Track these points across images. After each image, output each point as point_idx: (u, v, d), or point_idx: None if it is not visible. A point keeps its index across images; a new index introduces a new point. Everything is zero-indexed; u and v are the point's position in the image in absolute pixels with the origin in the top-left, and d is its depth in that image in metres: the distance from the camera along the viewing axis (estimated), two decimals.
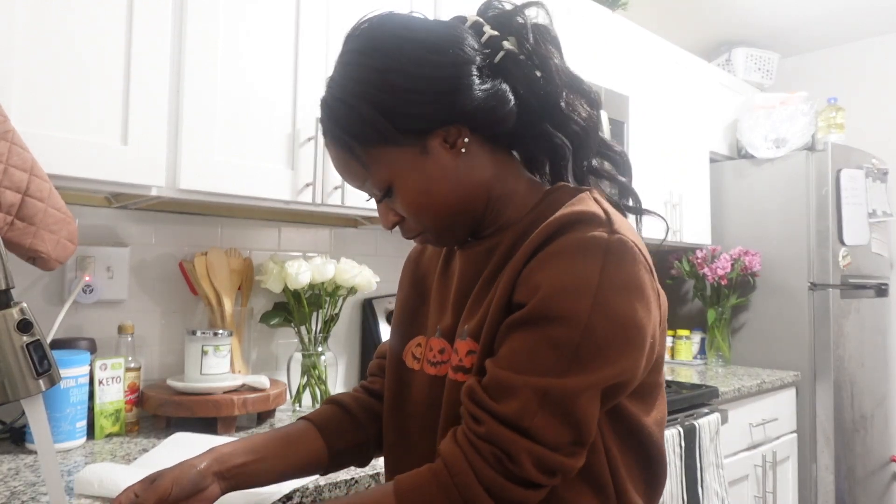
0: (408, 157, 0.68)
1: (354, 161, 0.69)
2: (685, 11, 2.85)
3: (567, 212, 0.64)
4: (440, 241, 0.75)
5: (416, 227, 0.72)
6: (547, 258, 0.62)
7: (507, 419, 0.58)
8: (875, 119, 3.07)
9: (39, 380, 0.65)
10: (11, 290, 0.66)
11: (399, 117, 0.66)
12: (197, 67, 1.25)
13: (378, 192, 0.71)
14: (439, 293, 0.79)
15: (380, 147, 0.67)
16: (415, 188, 0.69)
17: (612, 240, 0.61)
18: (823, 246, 2.47)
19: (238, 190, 1.30)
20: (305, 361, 1.57)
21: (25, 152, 1.01)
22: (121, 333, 1.34)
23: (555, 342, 0.59)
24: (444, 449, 0.61)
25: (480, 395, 0.60)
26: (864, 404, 2.58)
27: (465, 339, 0.69)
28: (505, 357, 0.61)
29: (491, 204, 0.73)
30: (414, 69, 0.65)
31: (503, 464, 0.57)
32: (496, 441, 0.57)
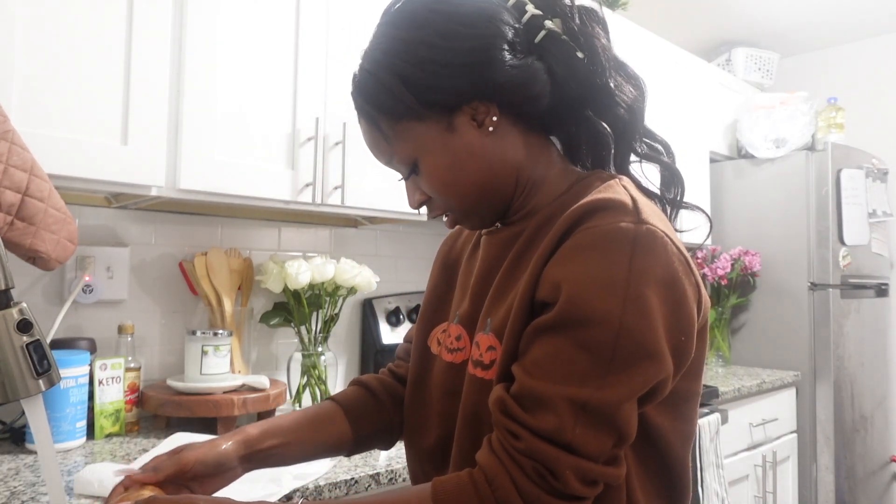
0: (433, 134, 0.66)
1: (380, 136, 0.68)
2: (685, 11, 2.85)
3: (591, 199, 0.60)
4: (467, 222, 0.73)
5: (441, 206, 0.70)
6: (570, 252, 0.58)
7: (546, 434, 0.55)
8: (875, 119, 3.07)
9: (39, 380, 0.65)
10: (11, 290, 0.66)
11: (424, 90, 0.64)
12: (197, 67, 1.25)
13: (404, 169, 0.70)
14: (463, 279, 0.78)
15: (405, 122, 0.66)
16: (440, 166, 0.67)
17: (640, 230, 0.56)
18: (823, 246, 2.47)
19: (238, 190, 1.30)
20: (305, 361, 1.57)
21: (25, 152, 1.01)
22: (121, 333, 1.34)
23: (588, 346, 0.55)
24: (484, 461, 0.57)
25: (514, 408, 0.57)
26: (864, 404, 2.58)
27: (489, 333, 0.66)
28: (536, 365, 0.57)
29: (520, 187, 0.70)
30: (441, 41, 0.64)
31: (546, 480, 0.54)
32: (538, 457, 0.54)
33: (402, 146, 0.68)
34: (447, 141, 0.66)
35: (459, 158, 0.66)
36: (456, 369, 0.72)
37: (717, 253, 2.68)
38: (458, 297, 0.77)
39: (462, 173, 0.67)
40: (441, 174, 0.67)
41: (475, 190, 0.68)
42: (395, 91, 0.65)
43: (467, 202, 0.69)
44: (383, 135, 0.68)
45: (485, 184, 0.68)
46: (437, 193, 0.69)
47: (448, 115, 0.66)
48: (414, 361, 0.80)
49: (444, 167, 0.67)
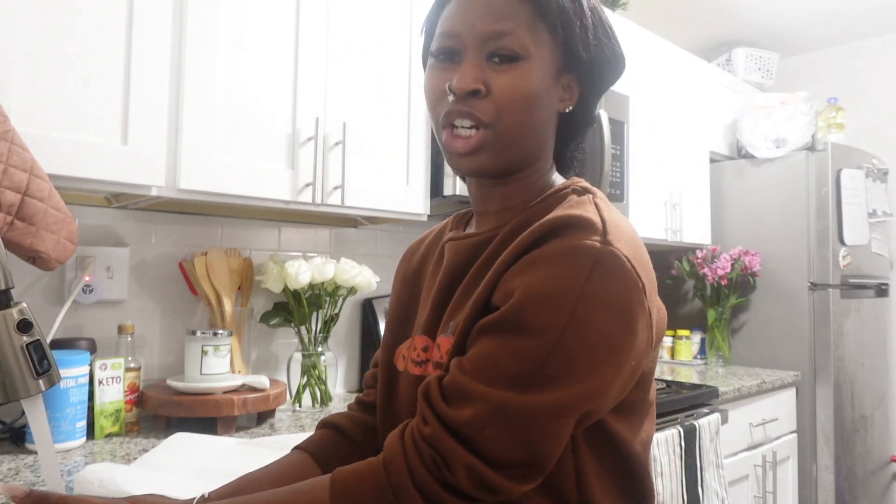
0: (551, 63, 0.65)
1: (529, 13, 0.64)
2: (685, 11, 2.85)
3: (561, 214, 0.60)
4: (486, 151, 0.65)
5: (488, 112, 0.63)
6: (531, 262, 0.58)
7: (453, 426, 0.55)
8: (875, 119, 3.07)
9: (39, 380, 0.65)
10: (11, 290, 0.66)
11: (586, 30, 0.66)
12: (197, 67, 1.25)
13: (505, 52, 0.63)
14: (428, 290, 0.76)
15: (553, 29, 0.64)
16: (535, 83, 0.64)
17: (603, 250, 0.56)
18: (823, 246, 2.47)
19: (238, 190, 1.30)
20: (305, 361, 1.57)
21: (25, 152, 1.01)
22: (121, 333, 1.34)
23: (522, 353, 0.55)
24: (388, 444, 0.58)
25: (435, 395, 0.57)
26: (864, 404, 2.58)
27: (449, 335, 0.65)
28: (469, 361, 0.58)
29: (530, 170, 0.70)
30: (610, 23, 0.70)
31: (440, 470, 0.54)
32: (437, 446, 0.55)
33: (528, 35, 0.63)
34: (550, 78, 0.66)
35: (544, 97, 0.66)
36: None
37: (717, 253, 2.68)
38: (421, 308, 0.76)
39: (537, 106, 0.65)
40: (530, 88, 0.64)
41: (529, 127, 0.65)
42: (578, 4, 0.66)
43: (517, 130, 0.65)
44: (531, 16, 0.63)
45: (534, 133, 0.67)
46: (509, 98, 0.63)
47: (563, 66, 0.67)
48: (381, 382, 0.78)
49: (535, 87, 0.64)
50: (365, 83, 1.53)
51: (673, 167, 2.49)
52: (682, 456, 1.70)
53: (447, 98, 0.64)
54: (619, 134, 2.10)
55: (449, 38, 0.65)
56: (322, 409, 1.56)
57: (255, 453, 1.12)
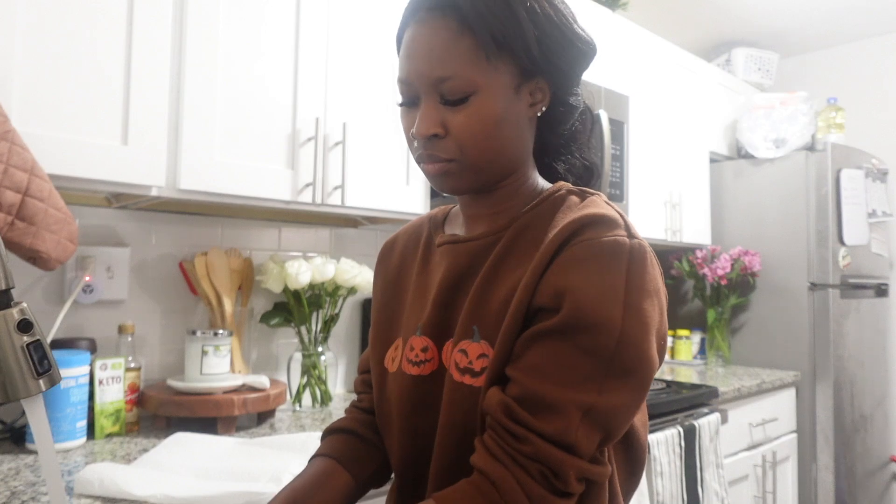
0: (504, 83, 0.66)
1: (466, 48, 0.64)
2: (685, 11, 2.85)
3: (584, 214, 0.63)
4: (457, 178, 0.68)
5: (450, 150, 0.66)
6: (570, 262, 0.61)
7: (552, 438, 0.57)
8: (875, 119, 3.07)
9: (39, 380, 0.65)
10: (12, 290, 0.66)
11: (528, 39, 0.65)
12: (197, 68, 1.25)
13: (452, 93, 0.65)
14: (418, 291, 0.77)
15: (498, 52, 0.65)
16: (491, 112, 0.65)
17: (633, 244, 0.61)
18: (823, 246, 2.48)
19: (238, 190, 1.30)
20: (305, 361, 1.58)
21: (25, 152, 1.01)
22: (121, 333, 1.35)
23: (591, 351, 0.57)
24: (488, 467, 0.58)
25: (520, 412, 0.58)
26: (863, 404, 2.58)
27: (479, 340, 0.66)
28: (537, 369, 0.59)
29: (512, 179, 0.72)
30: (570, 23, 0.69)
31: (550, 481, 0.57)
32: (544, 460, 0.57)
33: (476, 71, 0.64)
34: (509, 97, 0.67)
35: (507, 118, 0.67)
36: (427, 381, 0.70)
37: (717, 253, 2.68)
38: (414, 310, 0.76)
39: (499, 132, 0.67)
40: (487, 119, 0.65)
41: (495, 153, 0.68)
42: (510, 20, 0.64)
43: (481, 159, 0.67)
44: (471, 49, 0.64)
45: (503, 154, 0.68)
46: (467, 135, 0.66)
47: (522, 77, 0.67)
48: (376, 385, 0.78)
49: (493, 115, 0.66)
50: (365, 83, 1.53)
51: (673, 167, 2.49)
52: (682, 456, 1.70)
53: (414, 141, 0.69)
54: (618, 134, 2.10)
55: (404, 84, 0.68)
56: (322, 408, 1.56)
57: (256, 453, 1.12)
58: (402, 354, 0.74)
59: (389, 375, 0.75)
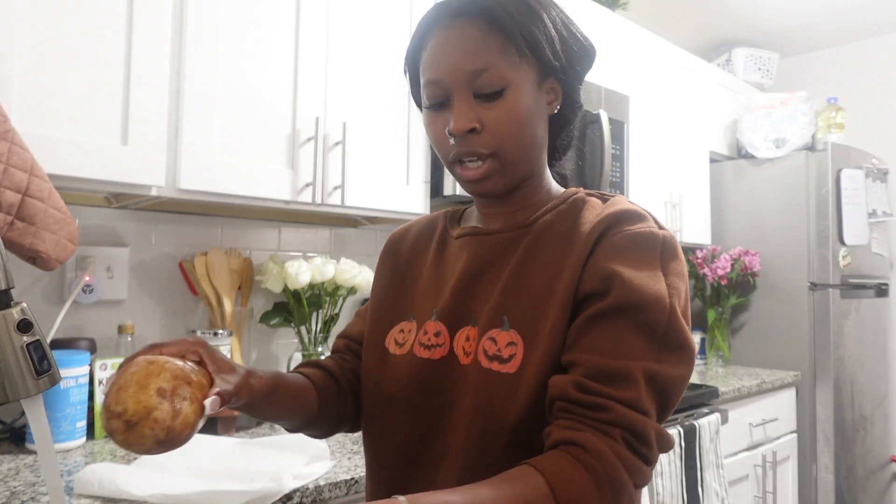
0: (531, 77, 0.70)
1: (499, 45, 0.68)
2: (685, 11, 2.85)
3: (617, 209, 0.69)
4: (495, 176, 0.71)
5: (489, 145, 0.69)
6: (611, 251, 0.65)
7: (631, 403, 0.59)
8: (875, 119, 3.07)
9: (39, 380, 0.65)
10: (11, 290, 0.66)
11: (551, 40, 0.70)
12: (197, 67, 1.25)
13: (488, 87, 0.68)
14: (433, 278, 0.79)
15: (525, 50, 0.69)
16: (524, 105, 0.69)
17: (665, 234, 0.67)
18: (823, 246, 2.48)
19: (238, 190, 1.30)
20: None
21: (25, 152, 1.01)
22: (121, 333, 1.34)
23: (647, 325, 0.62)
24: (576, 436, 0.58)
25: (592, 385, 0.60)
26: (863, 404, 2.58)
27: (509, 329, 0.69)
28: (600, 347, 0.62)
29: (534, 177, 0.76)
30: (570, 18, 0.75)
31: (633, 445, 0.59)
32: (627, 425, 0.58)
33: (507, 66, 0.68)
34: (534, 92, 0.71)
35: (534, 114, 0.71)
36: (436, 365, 0.73)
37: (717, 253, 2.68)
38: (429, 296, 0.78)
39: (530, 127, 0.71)
40: (520, 113, 0.69)
41: (528, 148, 0.71)
42: (541, 20, 0.70)
43: (517, 154, 0.70)
44: (503, 46, 0.68)
45: (533, 149, 0.72)
46: (503, 129, 0.68)
47: (542, 76, 0.71)
48: (370, 363, 0.80)
49: (525, 110, 0.70)
50: (365, 83, 1.53)
51: (673, 167, 2.49)
52: (682, 456, 1.70)
53: (449, 140, 0.70)
54: (619, 134, 2.10)
55: (435, 85, 0.70)
56: None
57: (256, 453, 1.12)
58: (416, 338, 0.76)
59: (392, 357, 0.77)
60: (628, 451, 0.58)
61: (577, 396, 0.60)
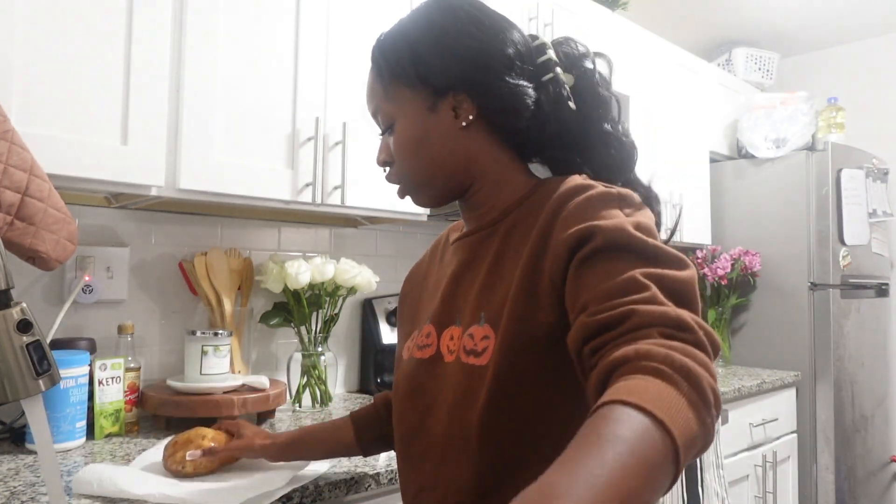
0: (417, 106, 0.75)
1: (379, 88, 0.78)
2: (685, 11, 2.85)
3: (566, 187, 0.69)
4: (415, 196, 0.81)
5: (396, 173, 0.80)
6: (575, 212, 0.64)
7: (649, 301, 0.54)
8: (875, 119, 3.07)
9: (39, 380, 0.65)
10: (11, 290, 0.66)
11: (424, 65, 0.74)
12: (197, 67, 1.25)
13: (382, 125, 0.79)
14: (434, 285, 0.84)
15: (401, 84, 0.76)
16: (410, 135, 0.76)
17: (620, 189, 0.67)
18: (824, 246, 2.47)
19: (238, 190, 1.30)
20: (305, 361, 1.57)
21: (25, 152, 1.01)
22: (121, 333, 1.34)
23: (636, 254, 0.58)
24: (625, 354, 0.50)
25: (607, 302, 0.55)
26: (864, 404, 2.58)
27: (483, 324, 0.70)
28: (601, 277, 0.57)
29: (477, 184, 0.78)
30: (455, 31, 0.74)
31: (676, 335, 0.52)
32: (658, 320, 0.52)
33: (389, 104, 0.77)
34: (425, 118, 0.75)
35: (428, 136, 0.75)
36: (424, 364, 0.77)
37: (717, 253, 2.68)
38: (430, 302, 0.83)
39: (425, 150, 0.76)
40: (408, 142, 0.76)
41: (430, 169, 0.77)
42: (402, 55, 0.75)
43: (422, 176, 0.77)
44: (382, 87, 0.78)
45: (441, 167, 0.76)
46: (399, 158, 0.78)
47: (434, 97, 0.75)
48: (395, 372, 0.87)
49: (413, 137, 0.76)
50: (365, 83, 1.53)
51: (673, 167, 2.49)
52: None
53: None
54: None
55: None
56: (322, 409, 1.56)
57: None
58: (414, 342, 0.81)
59: (402, 362, 0.83)
60: (674, 340, 0.51)
61: (595, 323, 0.55)
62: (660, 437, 0.43)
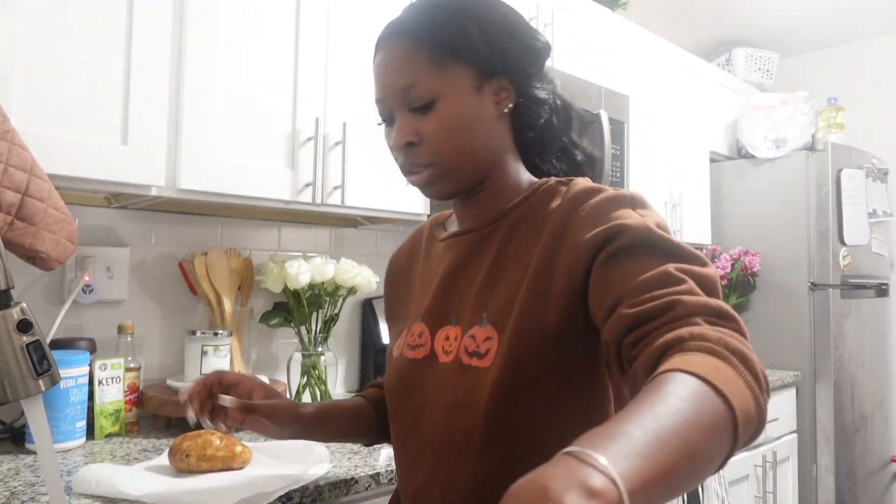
0: (464, 85, 0.71)
1: (423, 59, 0.70)
2: (685, 11, 2.85)
3: (576, 190, 0.69)
4: (438, 184, 0.74)
5: (428, 155, 0.71)
6: (593, 213, 0.65)
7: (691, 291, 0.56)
8: (875, 119, 3.07)
9: (39, 380, 0.65)
10: (11, 290, 0.66)
11: (484, 43, 0.71)
12: (197, 67, 1.25)
13: (418, 101, 0.71)
14: (423, 282, 0.82)
15: (450, 59, 0.70)
16: (458, 114, 0.71)
17: (631, 191, 0.67)
18: (824, 246, 2.47)
19: (238, 190, 1.30)
20: (305, 361, 1.57)
21: (25, 152, 1.01)
22: (120, 333, 1.34)
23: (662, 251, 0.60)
24: (677, 336, 0.51)
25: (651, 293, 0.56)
26: (864, 404, 2.58)
27: (486, 325, 0.70)
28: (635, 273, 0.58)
29: (494, 176, 0.76)
30: (518, 22, 0.75)
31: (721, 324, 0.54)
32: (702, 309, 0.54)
33: (433, 78, 0.70)
34: (471, 98, 0.72)
35: (473, 118, 0.72)
36: (418, 364, 0.75)
37: (717, 253, 2.68)
38: (419, 300, 0.81)
39: (468, 132, 0.72)
40: (454, 121, 0.71)
41: (470, 153, 0.72)
42: (460, 28, 0.71)
43: (458, 160, 0.72)
44: (426, 60, 0.70)
45: (478, 153, 0.73)
46: (437, 138, 0.71)
47: (482, 78, 0.72)
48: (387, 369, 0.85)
49: (459, 116, 0.71)
50: (365, 83, 1.53)
51: (673, 167, 2.49)
52: None
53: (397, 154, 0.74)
54: (619, 134, 2.10)
55: (379, 104, 0.75)
56: None
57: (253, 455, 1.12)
58: (405, 340, 0.79)
59: (392, 360, 0.82)
60: (721, 328, 0.53)
61: (637, 314, 0.55)
62: (721, 404, 0.44)
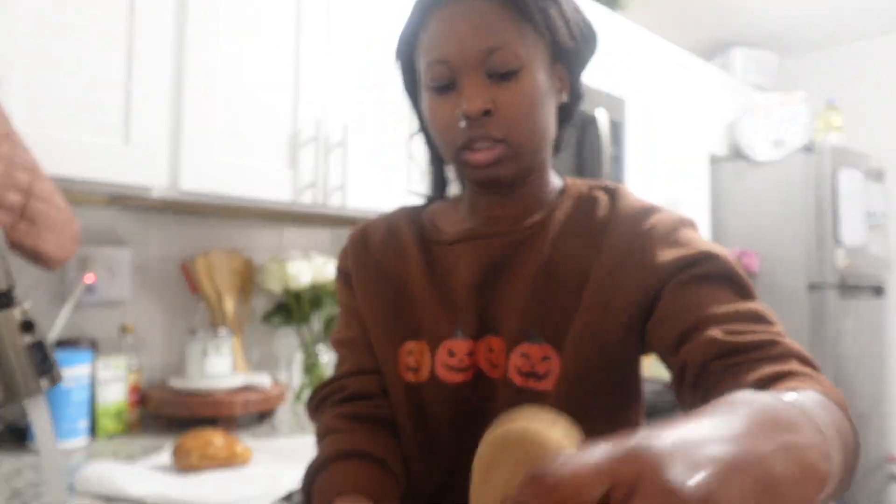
0: (543, 59, 0.66)
1: (516, 24, 0.63)
2: (684, 12, 2.86)
3: (632, 201, 0.69)
4: (507, 162, 0.65)
5: (501, 128, 0.63)
6: (665, 235, 0.65)
7: (783, 335, 0.61)
8: (874, 120, 3.08)
9: (41, 380, 0.65)
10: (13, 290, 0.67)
11: (563, 21, 0.66)
12: (198, 67, 1.25)
13: (503, 67, 0.62)
14: (435, 291, 0.70)
15: (533, 28, 0.64)
16: (536, 90, 0.64)
17: (682, 215, 0.69)
18: (821, 247, 2.48)
19: (239, 191, 1.30)
20: (306, 361, 1.58)
21: (27, 153, 1.01)
22: (122, 333, 1.35)
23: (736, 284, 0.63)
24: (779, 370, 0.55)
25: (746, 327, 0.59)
26: (861, 404, 2.58)
27: (541, 343, 0.65)
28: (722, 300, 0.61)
29: (539, 171, 0.71)
30: (582, 9, 0.71)
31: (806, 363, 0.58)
32: (796, 354, 0.58)
33: (519, 44, 0.63)
34: (546, 76, 0.66)
35: (546, 98, 0.66)
36: (470, 387, 0.67)
37: None
38: (435, 311, 0.70)
39: (541, 112, 0.66)
40: (534, 95, 0.64)
41: (538, 133, 0.66)
42: (558, 3, 0.66)
43: (530, 137, 0.65)
44: (508, 22, 0.63)
45: (543, 138, 0.67)
46: (514, 112, 0.63)
47: (551, 59, 0.67)
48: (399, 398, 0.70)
49: (537, 94, 0.64)
50: (366, 84, 1.53)
51: (672, 168, 2.49)
52: None
53: (458, 124, 0.64)
54: (617, 135, 2.10)
55: (442, 65, 0.64)
56: None
57: (254, 456, 1.12)
58: (435, 361, 0.68)
59: (413, 387, 0.69)
60: (810, 368, 0.56)
61: (734, 343, 0.57)
62: (849, 430, 0.47)
